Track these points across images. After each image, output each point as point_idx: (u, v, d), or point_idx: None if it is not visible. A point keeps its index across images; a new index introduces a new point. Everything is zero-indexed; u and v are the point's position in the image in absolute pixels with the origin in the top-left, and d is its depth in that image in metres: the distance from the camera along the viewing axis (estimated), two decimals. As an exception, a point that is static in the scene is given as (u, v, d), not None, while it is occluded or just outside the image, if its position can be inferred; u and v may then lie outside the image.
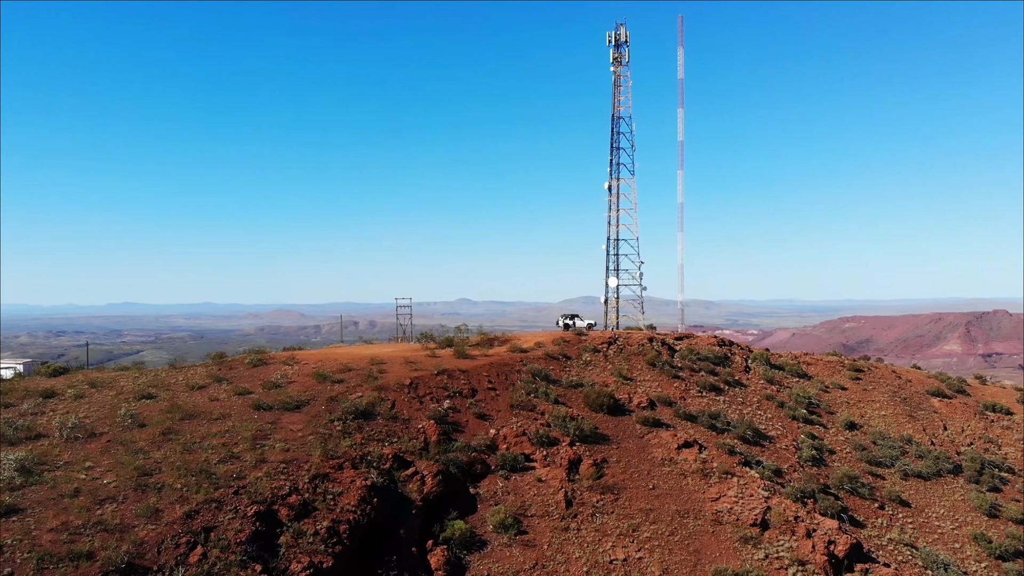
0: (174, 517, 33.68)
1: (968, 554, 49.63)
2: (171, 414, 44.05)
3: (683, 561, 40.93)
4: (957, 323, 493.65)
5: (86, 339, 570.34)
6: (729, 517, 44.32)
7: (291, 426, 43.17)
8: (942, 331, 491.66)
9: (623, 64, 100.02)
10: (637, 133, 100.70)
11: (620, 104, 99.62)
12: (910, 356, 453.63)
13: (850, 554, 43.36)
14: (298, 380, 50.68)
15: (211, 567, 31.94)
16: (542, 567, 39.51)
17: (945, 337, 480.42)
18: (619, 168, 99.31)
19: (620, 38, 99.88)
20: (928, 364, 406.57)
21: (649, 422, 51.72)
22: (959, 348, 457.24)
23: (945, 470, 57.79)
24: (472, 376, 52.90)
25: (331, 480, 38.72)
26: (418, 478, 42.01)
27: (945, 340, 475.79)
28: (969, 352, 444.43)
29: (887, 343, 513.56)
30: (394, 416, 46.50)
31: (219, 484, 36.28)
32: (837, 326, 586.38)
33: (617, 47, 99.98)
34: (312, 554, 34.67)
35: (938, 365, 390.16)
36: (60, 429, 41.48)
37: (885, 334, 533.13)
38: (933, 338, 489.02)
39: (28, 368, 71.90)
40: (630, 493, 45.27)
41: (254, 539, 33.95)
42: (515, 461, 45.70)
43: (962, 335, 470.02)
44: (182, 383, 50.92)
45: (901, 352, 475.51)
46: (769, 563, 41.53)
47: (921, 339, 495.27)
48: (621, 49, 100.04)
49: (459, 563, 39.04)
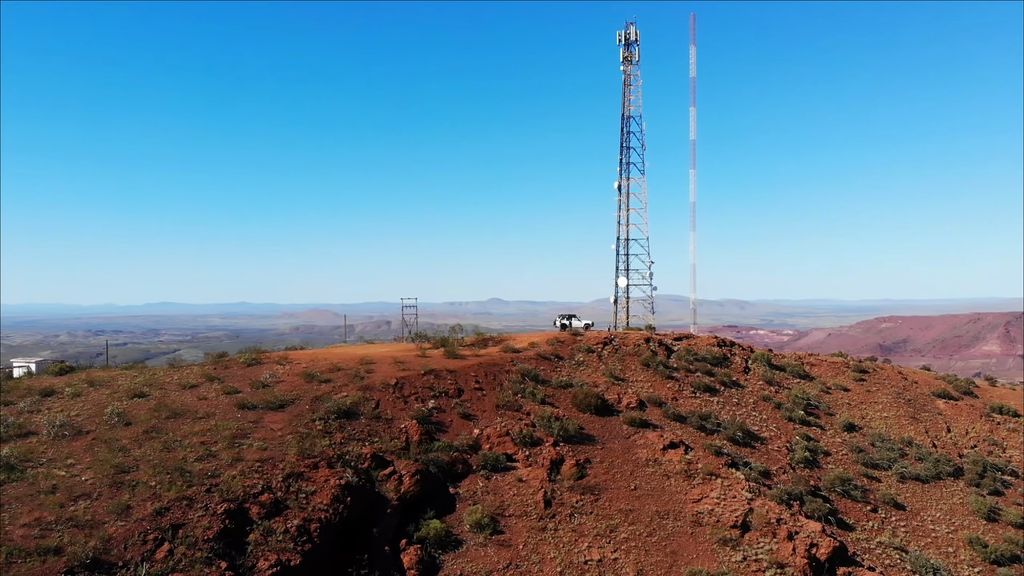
0: (144, 514, 34.35)
1: (962, 558, 48.77)
2: (157, 412, 44.88)
3: (659, 562, 40.77)
4: (996, 323, 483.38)
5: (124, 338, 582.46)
6: (709, 519, 44.05)
7: (272, 425, 43.78)
8: (981, 331, 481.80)
9: (633, 63, 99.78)
10: (646, 132, 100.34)
11: (630, 103, 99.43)
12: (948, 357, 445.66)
13: (833, 557, 42.80)
14: (287, 380, 51.33)
15: (176, 563, 32.54)
16: (515, 567, 39.62)
17: (984, 337, 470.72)
18: (629, 168, 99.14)
19: (630, 37, 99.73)
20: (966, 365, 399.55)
21: (636, 423, 51.56)
22: (998, 349, 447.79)
23: (945, 473, 56.82)
24: (459, 376, 53.17)
25: (305, 479, 39.21)
26: (396, 477, 42.36)
27: (984, 340, 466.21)
28: (1008, 352, 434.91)
29: (924, 343, 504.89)
30: (377, 416, 46.92)
31: (192, 482, 36.91)
32: (874, 326, 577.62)
33: (627, 46, 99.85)
34: (280, 552, 35.15)
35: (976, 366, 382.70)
36: (48, 427, 42.53)
37: (922, 334, 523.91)
38: (972, 338, 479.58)
39: (40, 367, 73.65)
40: (611, 494, 45.19)
41: (222, 536, 34.49)
42: (497, 461, 45.87)
43: (1001, 335, 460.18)
44: (176, 382, 51.82)
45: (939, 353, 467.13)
46: (747, 565, 41.21)
47: (959, 339, 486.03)
48: (631, 48, 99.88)
49: (433, 562, 39.28)
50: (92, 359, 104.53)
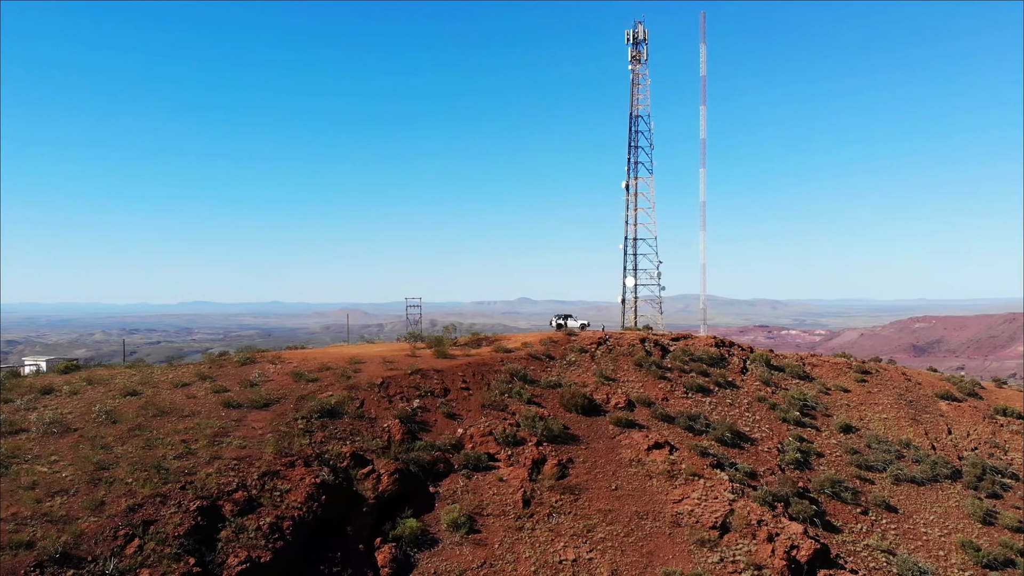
0: (117, 510, 35.10)
1: (952, 562, 48.09)
2: (145, 411, 45.65)
3: (634, 563, 40.76)
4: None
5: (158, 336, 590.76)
6: (689, 519, 43.91)
7: (254, 424, 44.37)
8: (1016, 332, 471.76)
9: (641, 62, 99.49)
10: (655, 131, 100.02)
11: (638, 102, 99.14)
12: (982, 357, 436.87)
13: (813, 559, 42.49)
14: (276, 379, 51.93)
15: (145, 559, 33.22)
16: (490, 566, 39.86)
17: (1019, 338, 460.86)
18: (637, 167, 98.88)
19: (638, 36, 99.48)
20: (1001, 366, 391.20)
21: (622, 423, 51.47)
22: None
23: (942, 475, 56.02)
24: (446, 376, 53.42)
25: (281, 477, 39.74)
26: (374, 476, 42.76)
27: (1019, 341, 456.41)
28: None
29: (959, 344, 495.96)
30: (361, 415, 47.35)
31: (168, 479, 37.59)
32: (907, 326, 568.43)
33: (635, 45, 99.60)
34: (251, 549, 35.70)
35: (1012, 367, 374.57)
36: (38, 424, 43.51)
37: (957, 335, 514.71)
38: (1007, 339, 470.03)
39: (50, 365, 75.17)
40: (591, 494, 45.22)
41: (193, 533, 35.11)
42: (478, 460, 46.08)
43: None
44: (169, 381, 52.61)
45: (973, 353, 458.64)
46: (723, 567, 41.05)
47: (994, 340, 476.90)
48: (639, 47, 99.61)
49: (407, 561, 39.63)
50: (123, 357, 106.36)
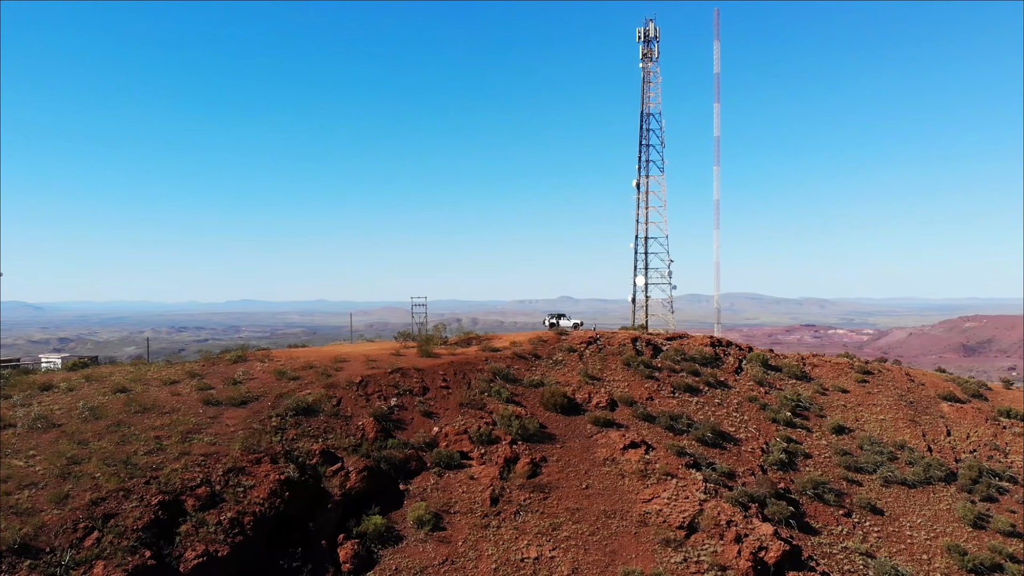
0: (81, 503, 36.19)
1: (936, 566, 47.17)
2: (128, 407, 46.94)
3: (596, 561, 40.78)
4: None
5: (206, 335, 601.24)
6: (657, 519, 43.75)
7: (229, 421, 45.33)
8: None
9: (653, 60, 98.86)
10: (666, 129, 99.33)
11: (649, 100, 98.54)
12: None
13: (782, 561, 42.07)
14: (259, 377, 52.89)
15: (102, 551, 34.22)
16: (451, 563, 40.24)
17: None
18: (648, 165, 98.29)
19: (650, 34, 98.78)
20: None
21: (601, 422, 51.42)
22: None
23: (936, 478, 54.87)
24: (427, 374, 53.86)
25: (246, 474, 40.56)
26: (342, 473, 43.40)
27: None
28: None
29: (1010, 344, 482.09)
30: (337, 413, 48.04)
31: (135, 474, 38.64)
32: (957, 325, 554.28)
33: (647, 43, 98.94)
34: (209, 543, 36.55)
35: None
36: (24, 420, 45.04)
37: (1008, 334, 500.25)
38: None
39: (66, 363, 77.47)
40: (561, 492, 45.31)
41: (153, 526, 36.06)
42: (451, 459, 46.47)
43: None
44: (160, 378, 53.90)
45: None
46: (686, 567, 40.86)
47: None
48: (651, 45, 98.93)
49: (370, 557, 40.17)
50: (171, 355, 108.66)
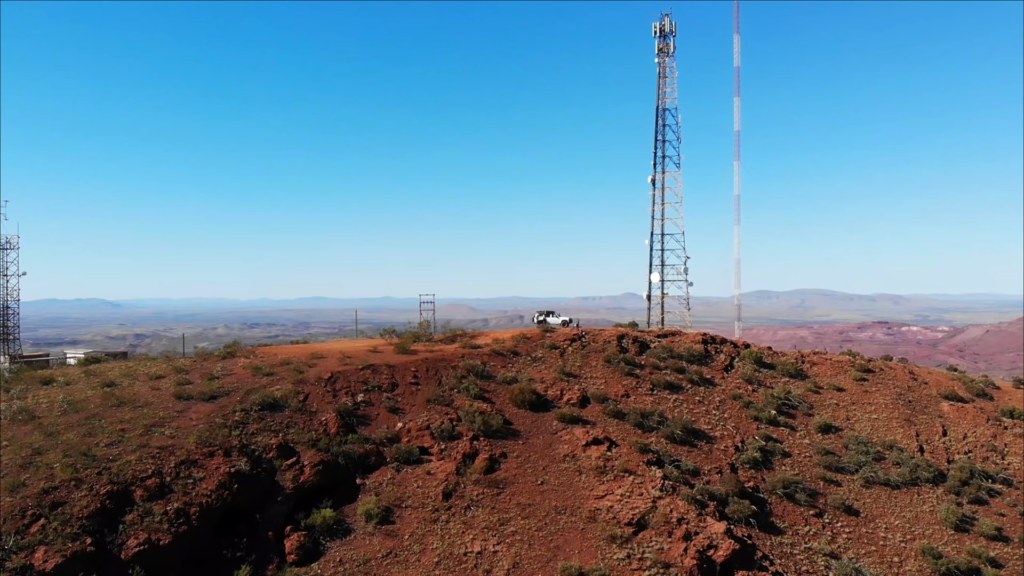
0: (34, 491, 38.04)
1: (907, 569, 45.89)
2: (106, 401, 48.91)
3: (538, 556, 40.92)
4: None
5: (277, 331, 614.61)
6: (607, 515, 43.61)
7: (193, 415, 46.83)
8: None
9: (669, 55, 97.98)
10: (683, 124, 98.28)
11: (665, 95, 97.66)
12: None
13: (732, 560, 41.56)
14: (237, 373, 54.41)
15: (45, 537, 35.85)
16: (394, 556, 40.88)
17: None
18: (664, 160, 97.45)
19: (666, 29, 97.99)
20: None
21: (567, 419, 51.42)
22: None
23: (923, 479, 53.23)
24: (397, 371, 54.59)
25: (198, 466, 41.93)
26: (297, 467, 44.47)
27: None
28: None
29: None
30: (303, 408, 49.17)
31: (89, 465, 40.36)
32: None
33: (663, 38, 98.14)
34: (152, 532, 37.92)
35: None
36: (6, 413, 47.39)
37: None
38: None
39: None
40: (515, 488, 45.54)
41: (98, 515, 37.62)
42: (410, 454, 47.15)
43: None
44: (148, 373, 55.87)
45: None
46: (628, 563, 40.66)
47: None
48: (667, 40, 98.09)
49: (316, 548, 41.05)
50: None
